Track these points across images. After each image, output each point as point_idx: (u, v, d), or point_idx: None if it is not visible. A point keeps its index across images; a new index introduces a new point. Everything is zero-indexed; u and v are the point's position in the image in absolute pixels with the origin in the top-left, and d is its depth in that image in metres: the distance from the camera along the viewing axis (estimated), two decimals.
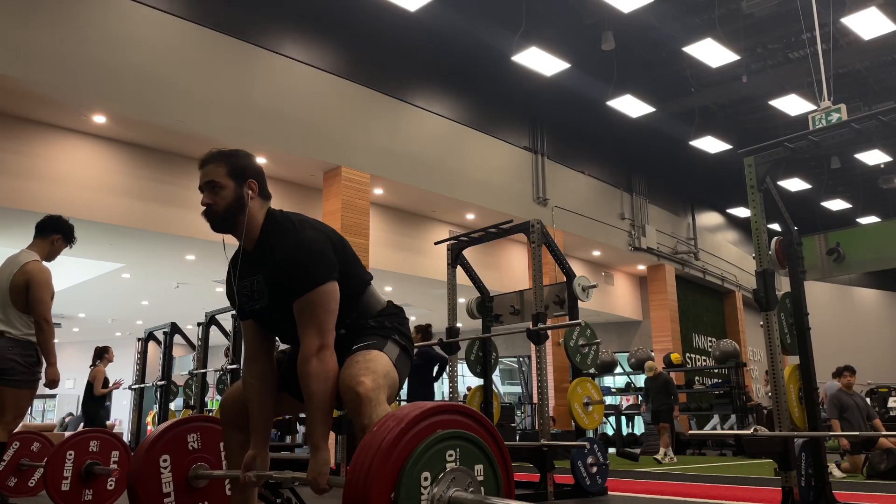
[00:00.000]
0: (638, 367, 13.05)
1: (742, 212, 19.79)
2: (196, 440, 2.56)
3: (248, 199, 2.16)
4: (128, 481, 2.43)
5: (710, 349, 15.83)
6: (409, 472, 1.52)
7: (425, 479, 1.54)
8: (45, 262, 4.02)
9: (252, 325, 2.27)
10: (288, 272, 2.08)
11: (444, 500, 1.55)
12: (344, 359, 2.09)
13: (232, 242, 2.28)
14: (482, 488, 1.63)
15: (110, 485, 3.94)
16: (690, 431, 12.60)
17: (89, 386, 8.34)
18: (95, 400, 8.31)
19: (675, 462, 8.84)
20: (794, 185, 17.35)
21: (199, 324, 8.37)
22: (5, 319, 3.80)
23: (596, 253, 15.21)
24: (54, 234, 4.10)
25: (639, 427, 11.59)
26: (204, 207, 2.16)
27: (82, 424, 8.88)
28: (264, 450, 2.22)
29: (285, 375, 2.31)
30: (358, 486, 1.50)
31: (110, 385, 8.50)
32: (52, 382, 3.80)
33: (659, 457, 8.94)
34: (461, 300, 6.31)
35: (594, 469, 5.08)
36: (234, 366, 7.56)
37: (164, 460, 2.46)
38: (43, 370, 3.83)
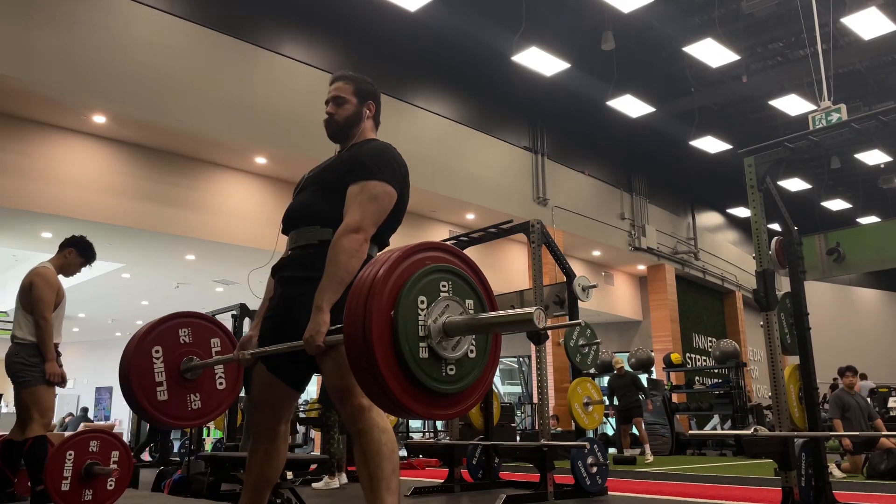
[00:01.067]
0: (638, 366, 13.04)
1: (742, 212, 19.78)
2: (187, 334, 2.63)
3: (365, 117, 2.45)
4: (120, 369, 2.49)
5: (710, 349, 15.83)
6: (408, 292, 1.61)
7: (422, 302, 1.63)
8: (60, 275, 4.25)
9: None
10: (364, 159, 2.21)
11: (440, 323, 1.64)
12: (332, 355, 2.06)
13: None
14: None
15: (110, 485, 3.94)
16: (690, 431, 12.61)
17: None
18: None
19: (651, 462, 8.83)
20: (794, 185, 17.35)
21: None
22: (15, 322, 4.09)
23: (596, 253, 15.21)
24: (69, 248, 4.29)
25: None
26: (326, 117, 2.44)
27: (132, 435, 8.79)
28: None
29: (275, 359, 2.27)
30: (359, 302, 1.58)
31: None
32: (53, 375, 4.00)
33: (647, 459, 8.93)
34: None
35: (594, 469, 5.08)
36: None
37: (157, 351, 2.53)
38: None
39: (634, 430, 10.22)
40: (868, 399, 8.04)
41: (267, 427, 2.30)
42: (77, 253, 4.31)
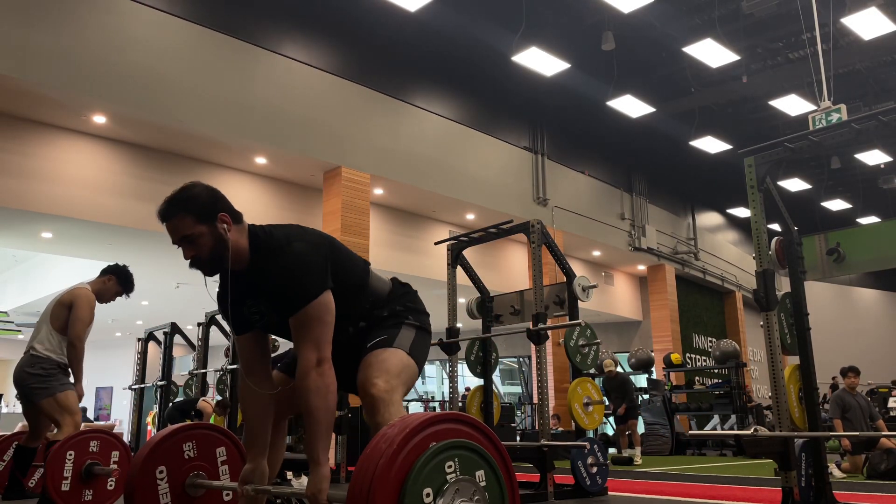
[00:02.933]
0: (638, 367, 13.04)
1: (742, 212, 19.78)
2: (192, 448, 2.53)
3: (226, 235, 2.11)
4: (125, 495, 2.41)
5: (710, 349, 15.82)
6: (410, 491, 1.48)
7: (427, 495, 1.50)
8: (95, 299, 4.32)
9: (248, 338, 2.26)
10: (282, 292, 2.08)
11: None
12: (360, 357, 2.12)
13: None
14: (486, 494, 1.60)
15: (110, 485, 3.94)
16: (690, 431, 12.61)
17: (199, 415, 8.11)
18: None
19: (640, 464, 8.84)
20: (794, 185, 17.34)
21: (199, 324, 8.37)
22: (38, 336, 4.13)
23: (596, 253, 15.20)
24: (109, 275, 4.35)
25: (638, 427, 11.61)
26: (189, 260, 2.13)
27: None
28: (262, 462, 2.21)
29: (290, 365, 2.33)
30: None
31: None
32: (80, 396, 4.16)
33: (637, 460, 8.92)
34: (461, 300, 6.31)
35: (594, 469, 5.08)
36: (234, 366, 7.55)
37: (161, 471, 2.43)
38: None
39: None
40: (869, 399, 8.04)
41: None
42: (116, 281, 4.33)
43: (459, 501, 1.54)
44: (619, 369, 10.10)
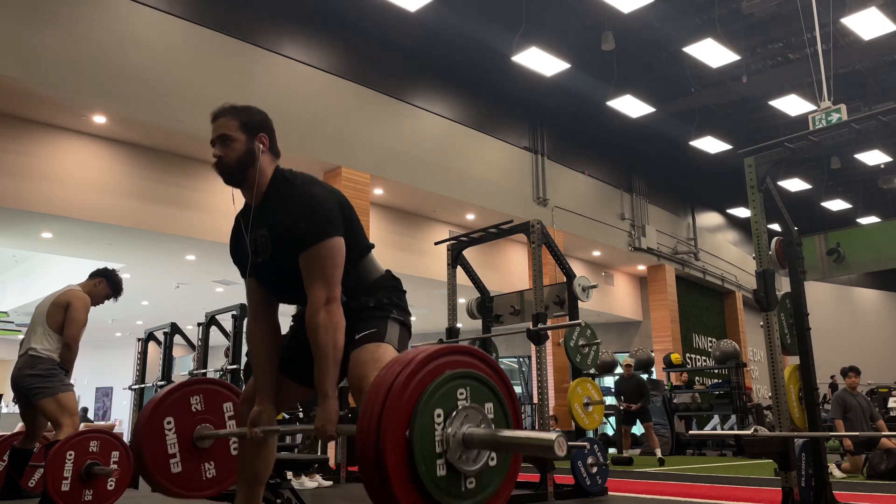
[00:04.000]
0: (639, 367, 13.03)
1: (742, 212, 19.79)
2: (199, 402, 2.62)
3: (258, 153, 2.23)
4: (133, 443, 2.48)
5: (710, 349, 15.83)
6: (423, 409, 1.53)
7: (438, 415, 1.56)
8: None
9: (255, 283, 2.32)
10: (296, 225, 2.11)
11: (458, 435, 1.57)
12: (348, 349, 2.11)
13: (240, 200, 2.36)
14: (493, 425, 1.66)
15: (110, 485, 3.94)
16: (690, 431, 12.60)
17: None
18: None
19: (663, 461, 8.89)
20: (794, 185, 17.34)
21: (199, 324, 8.36)
22: (35, 337, 4.16)
23: (596, 253, 15.21)
24: (99, 278, 4.41)
25: (638, 427, 11.64)
26: (215, 160, 2.23)
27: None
28: (270, 405, 2.25)
29: (286, 360, 2.32)
30: (371, 425, 1.51)
31: None
32: None
33: (659, 454, 8.95)
34: (461, 300, 6.31)
35: (594, 469, 5.08)
36: (234, 366, 7.55)
37: (169, 422, 2.51)
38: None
39: (634, 431, 10.23)
40: (869, 399, 8.04)
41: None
42: (107, 285, 4.41)
43: (467, 426, 1.59)
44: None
